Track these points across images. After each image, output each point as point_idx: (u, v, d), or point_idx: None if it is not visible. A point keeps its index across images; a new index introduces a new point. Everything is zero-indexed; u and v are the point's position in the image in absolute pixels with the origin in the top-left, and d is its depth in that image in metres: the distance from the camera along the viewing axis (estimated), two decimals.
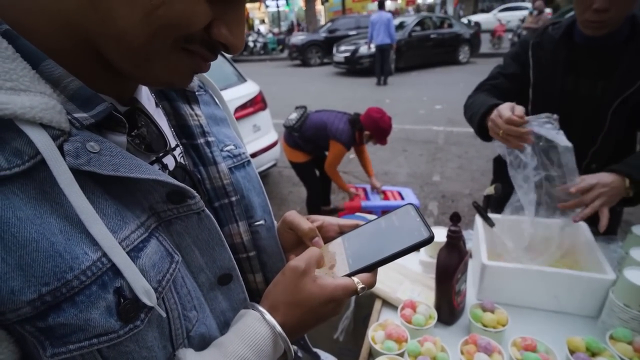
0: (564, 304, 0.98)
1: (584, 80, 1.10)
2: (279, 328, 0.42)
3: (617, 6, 0.96)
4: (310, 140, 2.67)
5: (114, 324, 0.31)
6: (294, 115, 2.66)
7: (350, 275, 0.47)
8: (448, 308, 0.96)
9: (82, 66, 0.33)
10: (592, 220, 1.00)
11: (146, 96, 0.44)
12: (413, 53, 9.62)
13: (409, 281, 1.11)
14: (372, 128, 2.52)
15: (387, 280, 1.11)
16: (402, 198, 2.86)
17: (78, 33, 0.31)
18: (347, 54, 9.54)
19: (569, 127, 0.98)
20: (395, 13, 19.40)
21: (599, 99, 1.07)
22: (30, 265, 0.28)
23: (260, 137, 3.32)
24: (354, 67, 9.54)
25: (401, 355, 0.84)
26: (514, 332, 0.87)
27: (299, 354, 0.67)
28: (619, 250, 1.04)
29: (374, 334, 0.90)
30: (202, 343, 0.41)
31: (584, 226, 1.10)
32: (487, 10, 20.40)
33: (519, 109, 0.98)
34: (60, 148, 0.30)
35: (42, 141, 0.29)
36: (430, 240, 0.47)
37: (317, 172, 2.95)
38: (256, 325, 0.42)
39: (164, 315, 0.35)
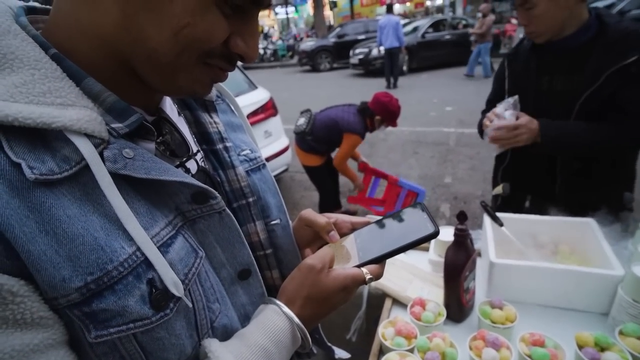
0: (573, 301, 0.99)
1: (559, 76, 1.18)
2: (296, 320, 0.46)
3: (533, 24, 1.14)
4: (323, 140, 2.71)
5: (147, 311, 0.35)
6: (302, 121, 2.71)
7: (359, 266, 0.51)
8: (457, 305, 0.98)
9: (116, 81, 0.37)
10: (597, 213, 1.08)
11: (169, 106, 0.48)
12: (426, 54, 9.92)
13: (418, 280, 1.13)
14: (382, 112, 2.56)
15: (397, 279, 1.14)
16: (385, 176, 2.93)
17: (113, 53, 0.36)
18: (361, 56, 10.06)
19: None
20: (404, 16, 19.40)
21: (572, 92, 1.14)
22: (78, 257, 0.32)
23: (271, 142, 3.38)
24: (368, 68, 10.04)
25: (411, 351, 0.86)
26: (522, 328, 0.88)
27: (313, 349, 0.70)
28: (629, 246, 1.04)
29: (384, 331, 0.92)
30: (224, 334, 0.44)
31: (593, 224, 1.11)
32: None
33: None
34: (101, 154, 0.34)
35: (86, 149, 0.33)
36: (435, 234, 0.51)
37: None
38: (275, 318, 0.45)
39: (190, 305, 0.39)
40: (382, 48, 8.40)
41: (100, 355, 0.35)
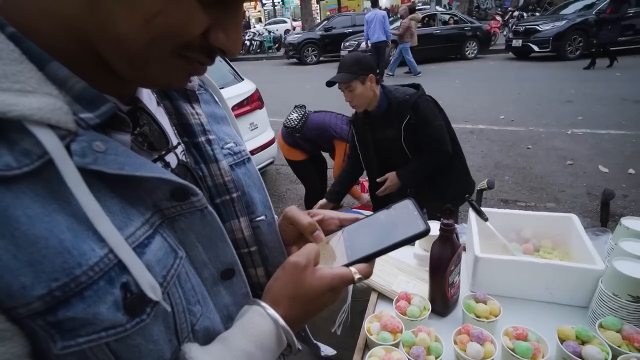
0: (555, 295, 1.00)
1: (385, 130, 1.86)
2: (281, 321, 0.43)
3: (354, 100, 1.80)
4: (311, 141, 2.68)
5: (120, 318, 0.32)
6: (294, 116, 2.67)
7: (348, 265, 0.49)
8: (442, 300, 0.98)
9: (85, 67, 0.34)
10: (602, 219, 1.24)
11: (147, 95, 0.44)
12: (416, 48, 9.93)
13: (404, 274, 1.13)
14: None
15: (383, 274, 1.13)
16: None
17: (79, 35, 0.32)
18: (351, 49, 10.14)
19: (392, 159, 1.92)
20: (391, 10, 19.39)
21: (395, 140, 1.81)
22: (40, 262, 0.28)
23: (257, 135, 3.33)
24: None
25: (396, 345, 0.86)
26: (506, 322, 0.88)
27: (299, 346, 0.68)
28: (609, 242, 1.06)
29: (370, 326, 0.91)
30: (206, 337, 0.42)
31: (575, 219, 1.13)
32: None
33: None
34: (67, 148, 0.30)
35: (49, 141, 0.29)
36: (425, 233, 0.49)
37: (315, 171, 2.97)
38: (259, 320, 0.43)
39: (169, 309, 0.36)
40: (369, 42, 8.42)
41: None
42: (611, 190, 1.17)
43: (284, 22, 22.14)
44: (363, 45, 9.58)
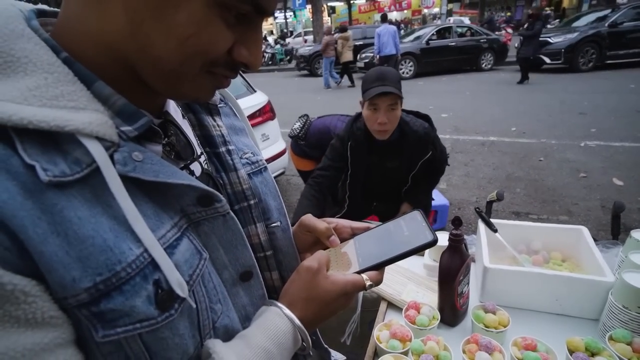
0: (565, 307, 1.01)
1: (386, 159, 1.71)
2: (297, 322, 0.47)
3: (390, 121, 1.53)
4: (316, 146, 2.71)
5: (153, 312, 0.36)
6: (297, 125, 2.73)
7: (359, 272, 0.52)
8: (451, 309, 0.99)
9: (123, 85, 0.38)
10: (613, 232, 1.24)
11: (174, 109, 0.49)
12: (429, 61, 10.39)
13: (413, 284, 1.14)
14: None
15: (393, 283, 1.15)
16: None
17: (119, 58, 0.36)
18: (367, 60, 10.51)
19: (388, 185, 1.84)
20: (403, 23, 19.60)
21: (400, 169, 1.75)
22: (87, 258, 0.32)
23: (268, 146, 3.39)
24: None
25: (405, 353, 0.87)
26: (515, 333, 0.89)
27: (310, 351, 0.71)
28: (620, 254, 1.06)
29: (379, 334, 0.93)
30: (225, 335, 0.45)
31: (585, 232, 1.13)
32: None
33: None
34: (111, 157, 0.35)
35: (97, 152, 0.34)
36: (433, 243, 0.52)
37: None
38: (277, 320, 0.46)
39: (194, 306, 0.40)
40: (378, 55, 8.71)
41: (106, 354, 0.36)
42: (621, 202, 1.17)
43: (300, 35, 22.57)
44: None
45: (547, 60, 9.37)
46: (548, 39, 9.34)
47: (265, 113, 3.33)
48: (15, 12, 0.36)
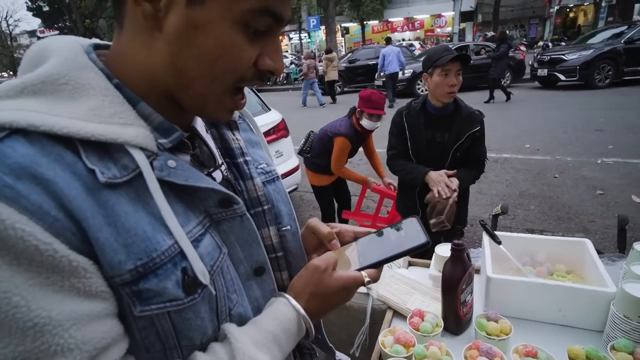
0: (568, 318, 1.02)
1: (437, 132, 1.87)
2: (302, 311, 0.52)
3: (458, 83, 1.78)
4: (321, 153, 2.79)
5: (180, 294, 0.42)
6: (302, 141, 2.91)
7: (359, 270, 0.58)
8: (454, 317, 1.02)
9: (161, 105, 0.46)
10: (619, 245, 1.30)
11: (200, 124, 0.56)
12: None
13: (419, 294, 1.18)
14: (364, 102, 2.57)
15: (399, 293, 1.18)
16: None
17: (159, 83, 0.45)
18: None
19: (432, 161, 1.86)
20: (418, 41, 19.91)
21: (446, 144, 1.85)
22: (131, 245, 0.39)
23: (282, 162, 3.48)
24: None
25: (408, 358, 0.90)
26: (517, 341, 0.91)
27: (316, 352, 0.75)
28: (624, 266, 1.07)
29: (384, 339, 0.97)
30: (239, 321, 0.51)
31: (589, 244, 1.15)
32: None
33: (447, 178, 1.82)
34: (151, 164, 0.42)
35: (140, 159, 0.41)
36: (427, 244, 0.57)
37: (336, 197, 3.07)
38: (284, 309, 0.52)
39: (214, 293, 0.46)
40: (383, 73, 9.75)
41: (140, 329, 0.42)
42: (625, 216, 1.19)
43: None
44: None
45: (562, 77, 9.33)
46: (562, 56, 9.34)
47: (279, 130, 3.45)
48: (79, 48, 0.45)
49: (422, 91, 10.46)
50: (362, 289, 1.46)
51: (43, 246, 0.35)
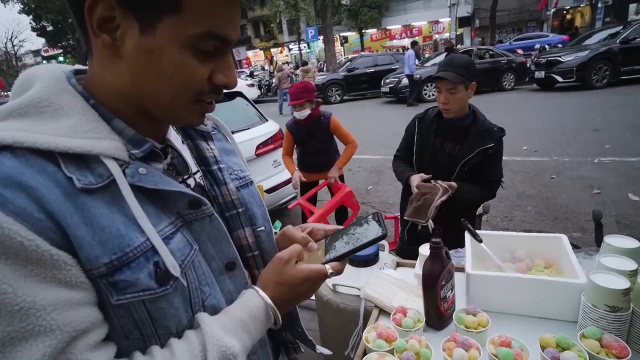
0: (545, 310, 1.07)
1: (447, 143, 1.81)
2: (268, 300, 0.58)
3: (451, 104, 1.73)
4: (315, 152, 2.94)
5: (152, 285, 0.48)
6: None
7: (324, 263, 0.64)
8: (435, 313, 1.07)
9: (133, 120, 0.53)
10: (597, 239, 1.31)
11: (174, 136, 0.63)
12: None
13: (403, 292, 1.23)
14: (289, 96, 2.72)
15: (385, 292, 1.24)
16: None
17: (129, 100, 0.51)
18: (392, 85, 11.36)
19: (437, 171, 1.77)
20: (447, 45, 20.34)
21: (455, 156, 1.77)
22: (106, 242, 0.46)
23: (280, 172, 3.56)
24: (397, 96, 11.38)
25: (390, 352, 0.96)
26: (495, 333, 0.96)
27: (301, 347, 0.81)
28: (597, 259, 1.12)
29: (367, 335, 1.02)
30: (213, 312, 0.56)
31: (564, 239, 1.20)
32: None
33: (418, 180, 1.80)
34: (123, 172, 0.49)
35: (114, 168, 0.48)
36: (383, 237, 0.64)
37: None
38: (252, 298, 0.58)
39: (185, 284, 0.52)
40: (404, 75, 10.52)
41: (119, 317, 0.48)
42: (599, 210, 1.24)
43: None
44: (404, 80, 10.78)
45: (559, 79, 9.40)
46: (559, 58, 9.41)
47: (276, 140, 3.53)
48: (61, 74, 0.52)
49: (428, 96, 10.63)
50: (355, 292, 1.52)
51: (27, 242, 0.41)
